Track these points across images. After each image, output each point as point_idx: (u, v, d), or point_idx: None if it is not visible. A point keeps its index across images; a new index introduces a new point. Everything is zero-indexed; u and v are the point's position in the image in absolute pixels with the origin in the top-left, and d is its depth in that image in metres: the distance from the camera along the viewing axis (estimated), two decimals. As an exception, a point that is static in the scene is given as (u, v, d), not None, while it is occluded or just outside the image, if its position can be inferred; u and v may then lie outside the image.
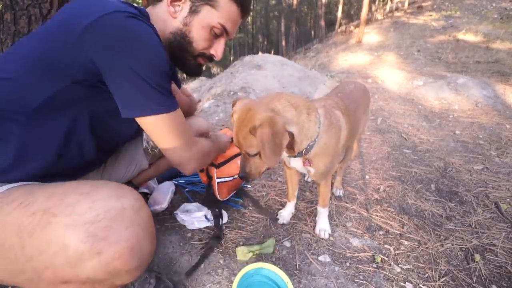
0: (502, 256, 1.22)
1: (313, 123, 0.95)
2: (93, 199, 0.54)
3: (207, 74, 16.45)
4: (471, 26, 8.65)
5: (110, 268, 0.51)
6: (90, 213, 0.52)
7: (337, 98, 1.21)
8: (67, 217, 0.51)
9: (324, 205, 1.31)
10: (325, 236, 1.28)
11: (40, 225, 0.51)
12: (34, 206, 0.54)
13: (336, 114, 1.07)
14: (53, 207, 0.53)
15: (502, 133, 2.70)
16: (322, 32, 15.57)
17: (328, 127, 1.01)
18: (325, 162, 1.06)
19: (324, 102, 1.09)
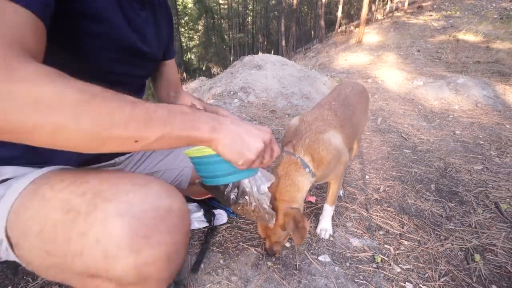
0: (502, 256, 1.22)
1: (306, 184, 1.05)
2: (146, 192, 0.49)
3: (207, 74, 16.49)
4: (471, 26, 8.65)
5: (142, 272, 0.46)
6: (140, 206, 0.47)
7: (328, 112, 1.19)
8: (118, 204, 0.46)
9: (331, 203, 1.31)
10: (326, 236, 1.29)
11: (89, 206, 0.47)
12: (85, 186, 0.50)
13: (324, 140, 1.07)
14: (105, 191, 0.48)
15: (502, 133, 2.70)
16: (322, 32, 15.58)
17: (321, 164, 1.07)
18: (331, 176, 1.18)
19: (308, 139, 1.07)
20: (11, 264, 1.08)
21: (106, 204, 0.47)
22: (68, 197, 0.49)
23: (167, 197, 0.51)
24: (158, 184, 0.52)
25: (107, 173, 0.56)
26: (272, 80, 3.99)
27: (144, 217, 0.46)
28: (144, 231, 0.46)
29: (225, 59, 20.05)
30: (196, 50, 23.64)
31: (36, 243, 0.49)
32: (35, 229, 0.49)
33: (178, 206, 0.51)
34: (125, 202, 0.47)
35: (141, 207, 0.47)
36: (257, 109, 3.18)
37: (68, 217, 0.47)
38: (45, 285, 1.02)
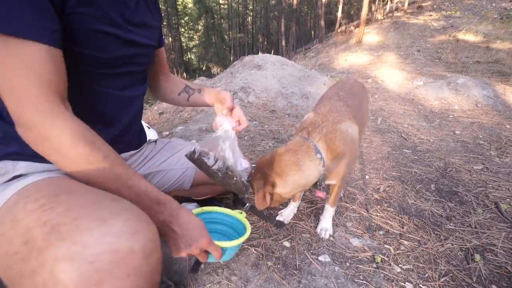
0: (502, 256, 1.22)
1: (312, 170, 1.00)
2: (104, 232, 0.44)
3: (207, 74, 16.49)
4: (471, 26, 8.65)
5: None
6: (95, 248, 0.43)
7: (340, 103, 1.17)
8: (71, 246, 0.43)
9: (332, 204, 1.30)
10: (326, 236, 1.28)
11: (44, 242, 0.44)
12: (49, 214, 0.47)
13: (341, 131, 1.05)
14: (62, 225, 0.45)
15: (502, 133, 2.70)
16: (322, 32, 15.57)
17: (335, 154, 1.03)
18: (342, 172, 1.13)
19: (325, 126, 1.04)
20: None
21: (58, 243, 0.43)
22: (32, 224, 0.46)
23: (130, 236, 0.46)
24: (124, 218, 0.47)
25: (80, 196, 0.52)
26: (272, 80, 3.99)
27: (97, 261, 0.42)
28: (97, 277, 0.41)
29: (225, 59, 20.05)
30: (196, 50, 23.64)
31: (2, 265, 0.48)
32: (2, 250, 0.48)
33: (141, 245, 0.46)
34: (79, 243, 0.43)
35: (96, 250, 0.43)
36: (257, 109, 3.18)
37: (25, 249, 0.45)
38: (45, 285, 1.02)
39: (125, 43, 0.72)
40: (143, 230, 0.48)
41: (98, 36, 0.63)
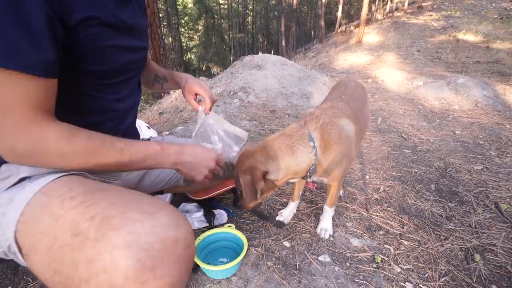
0: (502, 256, 1.22)
1: (304, 157, 0.98)
2: (154, 223, 0.49)
3: (207, 74, 16.49)
4: (471, 26, 8.65)
5: None
6: (148, 238, 0.47)
7: (342, 103, 1.18)
8: (126, 235, 0.47)
9: (331, 205, 1.29)
10: (325, 236, 1.28)
11: (97, 233, 0.48)
12: (95, 209, 0.51)
13: (339, 126, 1.04)
14: (113, 218, 0.49)
15: (502, 133, 2.70)
16: (322, 32, 15.57)
17: (329, 147, 1.01)
18: (336, 171, 1.10)
19: (322, 118, 1.04)
20: (11, 264, 1.08)
21: (114, 233, 0.47)
22: (77, 219, 0.50)
23: (175, 227, 0.51)
24: (167, 213, 0.53)
25: (116, 193, 0.57)
26: (272, 80, 3.99)
27: (151, 249, 0.47)
28: (151, 263, 0.46)
29: (225, 59, 20.04)
30: (196, 50, 23.63)
31: (45, 259, 0.51)
32: (44, 246, 0.51)
33: (184, 236, 0.52)
34: (133, 233, 0.47)
35: (149, 239, 0.47)
36: (257, 109, 3.18)
37: (76, 240, 0.48)
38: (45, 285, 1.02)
39: (127, 50, 0.73)
40: (184, 224, 0.54)
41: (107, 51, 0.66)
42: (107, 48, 0.66)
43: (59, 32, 0.55)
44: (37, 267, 0.53)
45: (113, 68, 0.71)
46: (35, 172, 0.64)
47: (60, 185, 0.58)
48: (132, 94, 0.85)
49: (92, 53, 0.63)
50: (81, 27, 0.59)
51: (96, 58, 0.65)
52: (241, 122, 2.76)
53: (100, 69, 0.67)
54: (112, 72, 0.72)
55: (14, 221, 0.54)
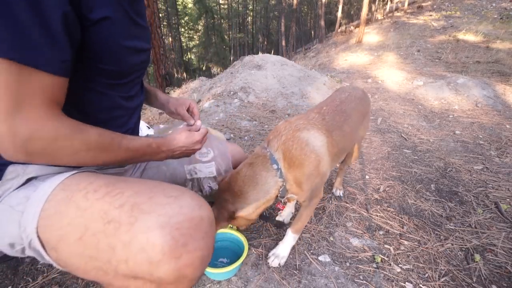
0: (502, 256, 1.22)
1: (270, 182, 0.95)
2: (181, 204, 0.55)
3: (207, 74, 16.47)
4: (471, 26, 8.65)
5: (181, 273, 0.52)
6: (178, 218, 0.53)
7: (315, 115, 1.09)
8: (158, 217, 0.52)
9: (295, 230, 1.12)
10: (273, 264, 1.11)
11: (130, 218, 0.52)
12: (121, 198, 0.55)
13: (301, 140, 0.96)
14: (142, 204, 0.54)
15: (502, 133, 2.70)
16: (322, 32, 15.57)
17: (292, 164, 0.95)
18: (303, 187, 1.00)
19: (284, 134, 0.98)
20: (11, 264, 1.08)
21: (146, 216, 0.52)
22: (106, 208, 0.54)
23: (199, 208, 0.57)
24: (189, 195, 0.59)
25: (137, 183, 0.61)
26: (272, 80, 3.99)
27: (182, 227, 0.52)
28: (183, 239, 0.52)
29: (225, 59, 20.03)
30: (196, 50, 23.62)
31: (76, 248, 0.54)
32: (75, 236, 0.54)
33: (207, 215, 0.58)
34: (164, 215, 0.53)
35: (178, 219, 0.53)
36: (257, 109, 3.18)
37: (109, 227, 0.53)
38: (45, 285, 1.02)
39: (135, 51, 0.75)
40: (205, 204, 0.59)
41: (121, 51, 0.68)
42: (121, 49, 0.68)
43: (76, 31, 0.56)
44: (69, 257, 0.56)
45: (124, 69, 0.73)
46: (42, 172, 0.66)
47: (78, 180, 0.61)
48: (138, 95, 0.87)
49: (108, 52, 0.65)
50: (99, 26, 0.60)
51: (111, 57, 0.66)
52: (241, 122, 2.76)
53: (113, 69, 0.69)
54: (123, 73, 0.74)
55: (35, 217, 0.56)
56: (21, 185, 0.63)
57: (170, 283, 0.53)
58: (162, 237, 0.50)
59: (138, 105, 0.89)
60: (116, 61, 0.69)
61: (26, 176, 0.64)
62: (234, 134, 2.46)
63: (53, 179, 0.62)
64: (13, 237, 0.59)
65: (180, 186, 0.62)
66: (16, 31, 0.48)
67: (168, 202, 0.55)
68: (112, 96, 0.75)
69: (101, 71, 0.67)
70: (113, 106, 0.77)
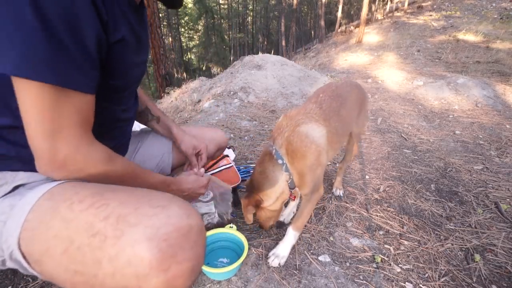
0: (502, 256, 1.22)
1: (278, 176, 1.06)
2: (168, 214, 0.54)
3: (207, 74, 16.47)
4: (471, 26, 8.65)
5: (170, 285, 0.51)
6: (166, 228, 0.52)
7: (312, 105, 1.14)
8: (145, 229, 0.51)
9: (296, 227, 1.14)
10: (273, 264, 1.11)
11: (116, 231, 0.51)
12: (107, 210, 0.54)
13: (301, 133, 1.04)
14: (128, 215, 0.53)
15: (502, 133, 2.70)
16: (322, 32, 15.57)
17: (294, 157, 1.04)
18: (306, 177, 1.07)
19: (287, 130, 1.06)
20: (11, 264, 1.08)
21: (132, 229, 0.51)
22: (91, 220, 0.53)
23: (187, 216, 0.56)
24: (177, 204, 0.57)
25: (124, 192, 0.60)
26: (272, 80, 3.99)
27: (170, 238, 0.51)
28: (171, 251, 0.51)
29: (225, 59, 20.02)
30: (196, 50, 23.61)
31: (62, 262, 0.53)
32: (60, 249, 0.52)
33: (196, 223, 0.57)
34: (151, 226, 0.51)
35: (166, 229, 0.52)
36: (257, 109, 3.18)
37: (94, 240, 0.51)
38: (45, 285, 1.02)
39: (138, 64, 0.76)
40: (194, 213, 0.58)
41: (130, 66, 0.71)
42: (130, 65, 0.70)
43: (104, 50, 0.59)
44: (54, 271, 0.54)
45: (130, 82, 0.76)
46: (31, 180, 0.65)
47: (64, 189, 0.59)
48: (134, 105, 0.89)
49: (120, 69, 0.67)
50: (117, 45, 0.62)
51: (122, 73, 0.69)
52: (241, 122, 2.76)
53: (120, 83, 0.72)
54: (126, 86, 0.76)
55: (17, 228, 0.55)
56: (7, 192, 0.62)
57: None
58: (149, 250, 0.49)
59: (133, 116, 0.91)
60: (125, 76, 0.71)
61: (15, 183, 0.63)
62: (234, 134, 2.46)
63: (39, 187, 0.60)
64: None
65: (169, 194, 0.61)
66: (62, 55, 0.50)
67: (155, 213, 0.53)
68: (113, 109, 0.76)
69: (109, 86, 0.68)
70: (113, 118, 0.78)
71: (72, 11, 0.49)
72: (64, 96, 0.53)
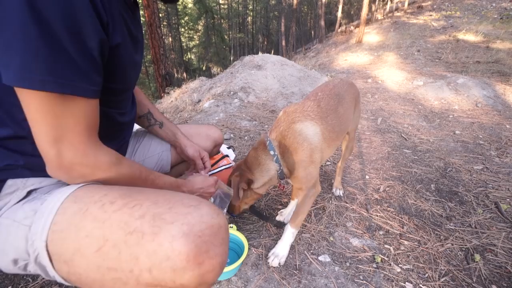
0: (502, 256, 1.22)
1: (269, 164, 1.11)
2: (201, 213, 0.57)
3: (207, 74, 16.46)
4: (471, 26, 8.65)
5: (203, 279, 0.54)
6: (200, 226, 0.55)
7: (310, 103, 1.18)
8: (181, 226, 0.54)
9: (294, 225, 1.14)
10: (273, 263, 1.11)
11: (154, 228, 0.53)
12: (141, 209, 0.56)
13: (295, 130, 1.08)
14: (163, 214, 0.55)
15: (502, 133, 2.70)
16: (322, 32, 15.57)
17: (286, 151, 1.09)
18: (297, 171, 1.11)
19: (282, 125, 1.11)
20: (11, 264, 1.08)
21: (170, 225, 0.54)
22: (126, 219, 0.55)
23: (217, 216, 0.59)
24: (206, 205, 0.61)
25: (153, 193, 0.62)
26: (272, 80, 3.99)
27: (204, 235, 0.54)
28: (205, 246, 0.54)
29: (225, 59, 20.01)
30: (196, 50, 23.60)
31: (94, 260, 0.54)
32: (93, 248, 0.54)
33: (224, 223, 0.60)
34: (186, 224, 0.54)
35: (200, 227, 0.55)
36: (257, 109, 3.18)
37: (131, 237, 0.53)
38: (45, 285, 1.02)
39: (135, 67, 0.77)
40: (221, 213, 0.61)
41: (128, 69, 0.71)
42: (128, 67, 0.70)
43: (106, 53, 0.60)
44: (84, 270, 0.56)
45: (127, 85, 0.76)
46: (42, 184, 0.66)
47: (89, 192, 0.61)
48: (132, 108, 0.89)
49: (119, 72, 0.67)
50: (115, 50, 0.63)
51: (121, 76, 0.69)
52: (241, 122, 2.76)
53: (120, 86, 0.72)
54: (125, 89, 0.77)
55: (44, 230, 0.56)
56: (22, 198, 0.63)
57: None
58: (187, 245, 0.52)
59: (132, 120, 0.91)
60: (124, 79, 0.72)
61: (27, 189, 0.64)
62: (234, 134, 2.46)
63: (60, 191, 0.61)
64: (18, 252, 0.58)
65: (195, 196, 0.64)
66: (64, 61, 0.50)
67: (189, 212, 0.56)
68: (111, 113, 0.76)
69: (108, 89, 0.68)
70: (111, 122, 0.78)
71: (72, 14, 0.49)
72: (68, 102, 0.54)
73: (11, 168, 0.63)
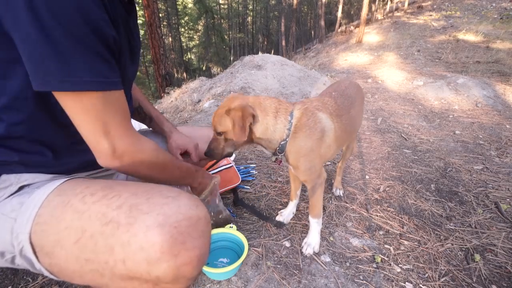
0: (502, 256, 1.22)
1: (280, 125, 1.02)
2: (179, 204, 0.56)
3: (207, 74, 16.47)
4: (471, 26, 8.65)
5: (179, 272, 0.52)
6: (176, 217, 0.54)
7: (329, 98, 1.19)
8: (157, 216, 0.53)
9: (314, 215, 1.20)
10: (307, 252, 1.18)
11: (129, 218, 0.53)
12: (119, 200, 0.56)
13: (317, 117, 1.06)
14: (140, 204, 0.55)
15: (502, 133, 2.70)
16: (322, 32, 15.57)
17: (301, 129, 1.03)
18: (302, 161, 1.07)
19: (308, 105, 1.08)
20: (11, 264, 1.08)
21: (145, 216, 0.53)
22: (104, 210, 0.55)
23: (196, 207, 0.58)
24: (186, 196, 0.60)
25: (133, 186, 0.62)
26: (272, 80, 3.99)
27: (180, 226, 0.53)
28: (181, 238, 0.53)
29: (225, 59, 20.01)
30: (196, 50, 23.60)
31: (73, 252, 0.54)
32: (72, 239, 0.54)
33: (204, 215, 0.59)
34: (162, 214, 0.53)
35: (177, 218, 0.54)
36: (257, 109, 3.18)
37: (107, 228, 0.53)
38: (45, 285, 1.02)
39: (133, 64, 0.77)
40: (201, 205, 0.61)
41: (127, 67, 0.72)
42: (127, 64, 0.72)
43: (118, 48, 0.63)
44: (64, 262, 0.56)
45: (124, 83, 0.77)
46: (35, 180, 0.66)
47: (73, 185, 0.62)
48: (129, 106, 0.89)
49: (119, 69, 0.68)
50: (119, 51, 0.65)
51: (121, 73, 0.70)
52: (241, 122, 2.76)
53: None
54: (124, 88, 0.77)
55: (28, 223, 0.56)
56: (13, 192, 0.63)
57: (167, 282, 0.53)
58: (161, 236, 0.51)
59: None
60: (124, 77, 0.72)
61: (20, 184, 0.64)
62: (234, 134, 2.45)
63: (47, 185, 0.62)
64: (4, 245, 0.58)
65: (176, 188, 0.63)
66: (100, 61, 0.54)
67: (166, 202, 0.56)
68: None
69: None
70: None
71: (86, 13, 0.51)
72: (108, 97, 0.58)
73: (5, 164, 0.64)
